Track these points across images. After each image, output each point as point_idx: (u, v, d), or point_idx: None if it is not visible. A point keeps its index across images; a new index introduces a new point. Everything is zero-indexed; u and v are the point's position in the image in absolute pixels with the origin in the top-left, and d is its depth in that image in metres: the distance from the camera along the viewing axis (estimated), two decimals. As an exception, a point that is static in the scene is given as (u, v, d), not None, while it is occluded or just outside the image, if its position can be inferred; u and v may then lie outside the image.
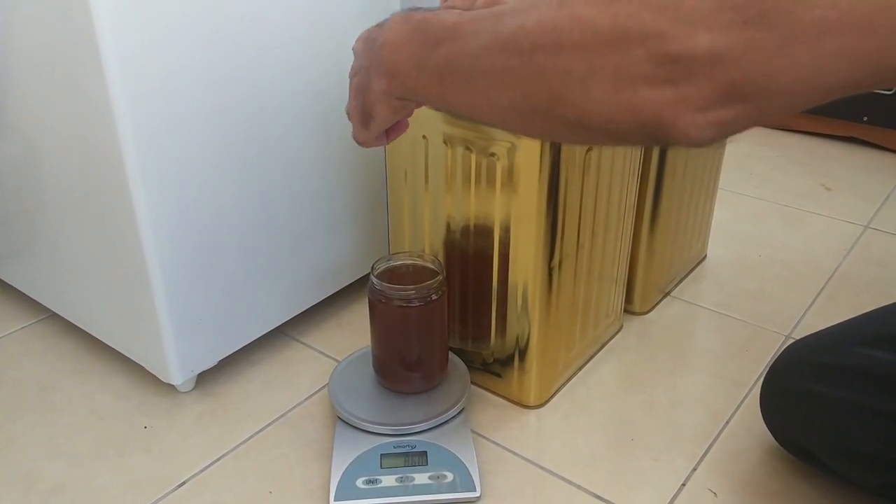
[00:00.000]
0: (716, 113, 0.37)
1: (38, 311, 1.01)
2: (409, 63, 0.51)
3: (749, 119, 0.38)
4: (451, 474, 0.73)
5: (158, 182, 0.74)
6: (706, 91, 0.37)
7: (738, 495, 0.74)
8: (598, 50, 0.39)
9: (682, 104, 0.38)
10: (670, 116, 0.38)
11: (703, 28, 0.36)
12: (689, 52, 0.36)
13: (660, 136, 0.40)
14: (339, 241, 0.96)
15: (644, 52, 0.38)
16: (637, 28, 0.38)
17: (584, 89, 0.41)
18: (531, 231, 0.74)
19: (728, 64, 0.36)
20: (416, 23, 0.51)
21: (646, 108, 0.39)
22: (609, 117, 0.41)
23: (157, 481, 0.75)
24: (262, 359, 0.93)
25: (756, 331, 0.99)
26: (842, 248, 1.19)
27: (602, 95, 0.40)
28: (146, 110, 0.70)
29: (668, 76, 0.37)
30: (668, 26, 0.37)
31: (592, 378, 0.90)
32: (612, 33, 0.39)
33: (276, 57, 0.80)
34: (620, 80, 0.39)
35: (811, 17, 0.34)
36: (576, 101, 0.41)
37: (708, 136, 0.39)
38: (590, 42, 0.40)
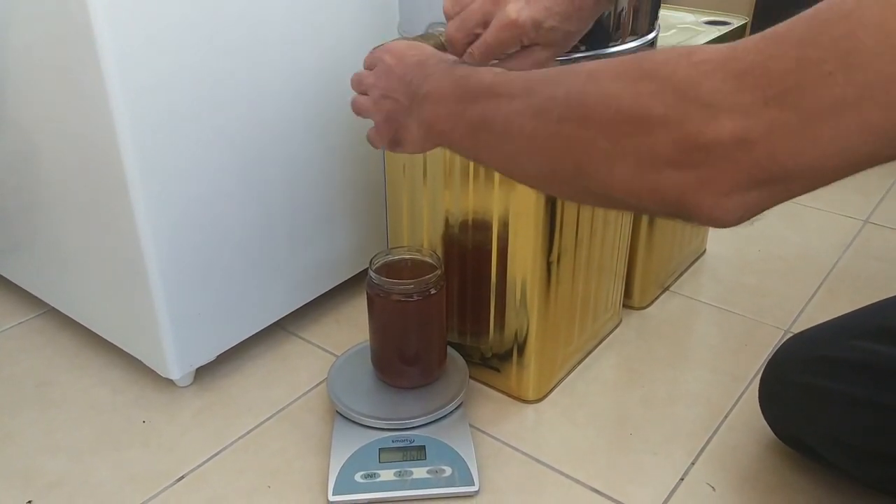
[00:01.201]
0: (741, 196, 0.37)
1: (37, 306, 1.01)
2: (447, 118, 0.53)
3: (776, 199, 0.38)
4: (450, 469, 0.73)
5: (156, 177, 0.73)
6: (730, 176, 0.36)
7: (737, 489, 0.74)
8: (621, 129, 0.39)
9: (706, 188, 0.37)
10: (694, 200, 0.38)
11: (724, 110, 0.35)
12: (711, 137, 0.36)
13: (684, 216, 0.39)
14: (337, 236, 0.96)
15: (666, 136, 0.37)
16: (659, 110, 0.37)
17: (607, 165, 0.41)
18: (530, 226, 0.74)
19: (751, 147, 0.35)
20: (458, 78, 0.53)
21: (669, 189, 0.39)
22: (632, 194, 0.41)
23: (156, 476, 0.75)
24: (261, 353, 0.93)
25: (755, 325, 0.99)
26: (841, 242, 1.19)
27: (625, 173, 0.40)
28: (144, 106, 0.70)
29: (691, 160, 0.37)
30: (689, 109, 0.36)
31: (591, 373, 0.90)
32: (635, 113, 0.38)
33: (274, 53, 0.80)
34: (643, 160, 0.39)
35: (831, 95, 0.33)
36: (600, 176, 0.42)
37: (734, 218, 0.38)
38: (613, 120, 0.40)
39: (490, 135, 0.49)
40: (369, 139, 0.64)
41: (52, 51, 0.72)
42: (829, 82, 0.33)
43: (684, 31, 0.95)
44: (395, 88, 0.58)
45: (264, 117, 0.82)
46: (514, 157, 0.48)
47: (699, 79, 0.36)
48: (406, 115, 0.57)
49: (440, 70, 0.55)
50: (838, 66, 0.33)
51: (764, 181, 0.36)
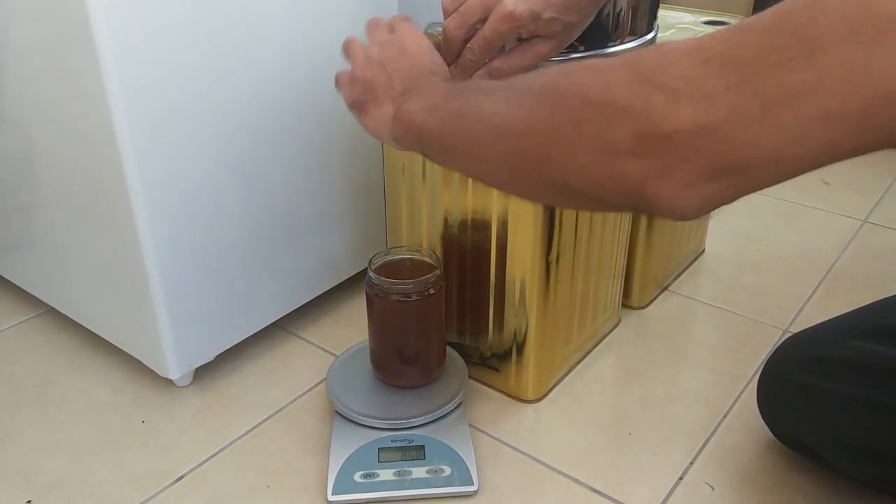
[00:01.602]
0: (702, 187, 0.37)
1: (36, 306, 1.01)
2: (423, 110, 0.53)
3: (737, 190, 0.38)
4: (449, 468, 0.73)
5: (156, 177, 0.73)
6: (691, 165, 0.36)
7: (736, 489, 0.74)
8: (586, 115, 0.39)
9: (666, 178, 0.37)
10: (654, 190, 0.38)
11: (686, 97, 0.36)
12: (672, 125, 0.36)
13: (644, 207, 0.39)
14: (336, 236, 0.96)
15: (628, 124, 0.37)
16: (624, 98, 0.38)
17: (570, 152, 0.41)
18: (529, 225, 0.74)
19: (711, 134, 0.35)
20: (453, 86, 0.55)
21: (629, 178, 0.39)
22: (592, 183, 0.41)
23: (155, 475, 0.75)
24: (260, 353, 0.93)
25: (754, 325, 0.99)
26: (840, 242, 1.19)
27: (586, 160, 0.40)
28: (143, 105, 0.70)
29: (652, 149, 0.37)
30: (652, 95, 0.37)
31: (590, 372, 0.90)
32: (600, 99, 0.39)
33: (273, 52, 0.80)
34: (604, 147, 0.39)
35: (791, 81, 0.33)
36: (563, 165, 0.42)
37: (693, 210, 0.38)
38: (578, 106, 0.40)
39: (462, 121, 0.49)
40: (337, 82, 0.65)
41: (51, 50, 0.72)
42: (789, 68, 0.33)
43: (683, 30, 0.95)
44: (398, 70, 0.59)
45: (263, 117, 0.82)
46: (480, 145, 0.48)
47: (665, 66, 0.37)
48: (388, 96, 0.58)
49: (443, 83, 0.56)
50: (800, 52, 0.33)
51: (724, 171, 0.36)
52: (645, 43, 0.76)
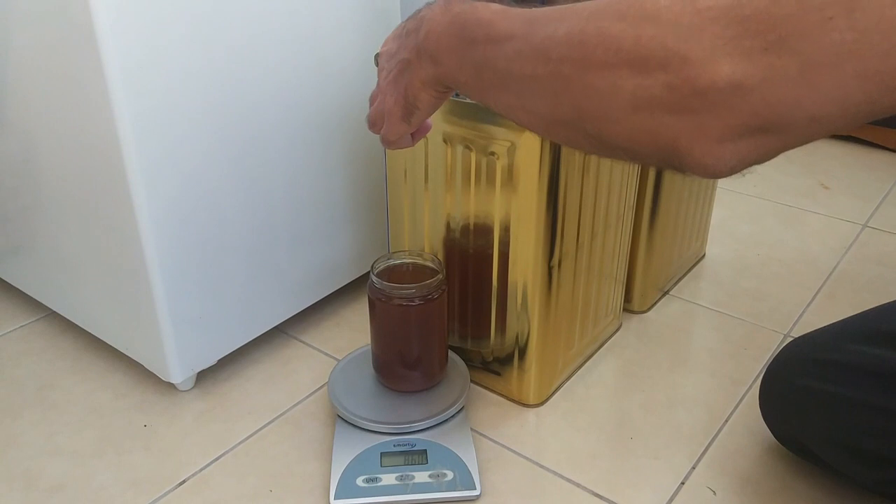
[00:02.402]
0: (734, 144, 0.37)
1: (38, 310, 1.01)
2: (451, 54, 0.52)
3: (771, 150, 0.37)
4: (451, 472, 0.73)
5: (157, 180, 0.74)
6: (724, 122, 0.36)
7: (738, 493, 0.74)
8: (620, 69, 0.39)
9: (700, 134, 0.37)
10: (687, 145, 0.38)
11: (723, 54, 0.35)
12: (708, 81, 0.36)
13: (676, 162, 0.39)
14: (338, 240, 0.96)
15: (664, 78, 0.37)
16: (659, 52, 0.37)
17: (604, 106, 0.40)
18: (531, 230, 0.75)
19: (748, 93, 0.35)
20: (454, 16, 0.51)
21: (663, 133, 0.38)
22: (626, 137, 0.40)
23: (157, 480, 0.75)
24: (262, 357, 0.93)
25: (754, 329, 0.99)
26: (840, 246, 1.19)
27: (621, 114, 0.40)
28: (146, 109, 0.70)
29: (687, 104, 0.37)
30: (689, 52, 0.36)
31: (592, 376, 0.90)
32: (635, 54, 0.38)
33: (276, 57, 0.80)
34: (639, 101, 0.38)
35: (830, 40, 0.33)
36: (596, 117, 0.41)
37: (726, 167, 0.38)
38: (612, 60, 0.39)
39: (494, 76, 0.48)
40: (385, 140, 0.62)
41: (54, 54, 0.72)
42: (829, 27, 0.33)
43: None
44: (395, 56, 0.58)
45: (266, 122, 0.82)
46: (518, 99, 0.47)
47: (703, 24, 0.36)
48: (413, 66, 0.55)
49: (435, 9, 0.54)
50: (840, 11, 0.33)
51: (758, 129, 0.36)
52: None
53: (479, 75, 0.49)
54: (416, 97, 0.57)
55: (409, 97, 0.57)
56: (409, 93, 0.57)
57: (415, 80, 0.56)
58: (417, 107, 0.58)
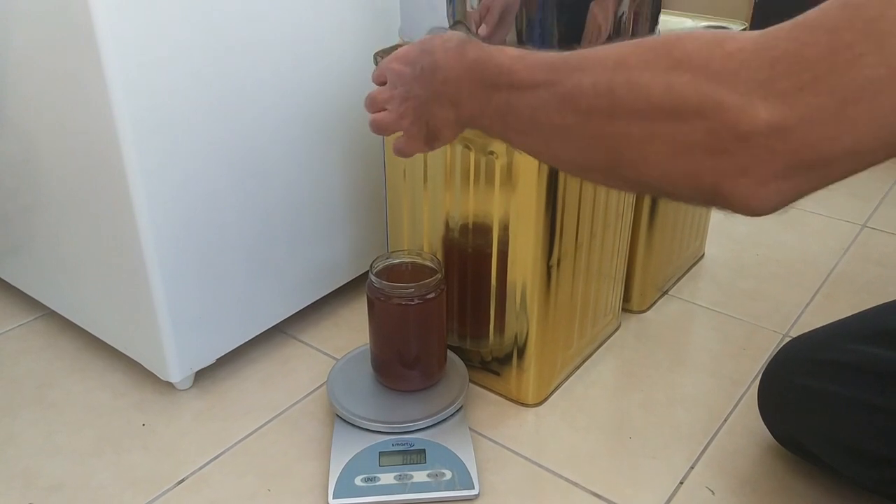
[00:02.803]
0: (778, 184, 0.37)
1: (37, 309, 1.01)
2: (472, 101, 0.52)
3: (814, 185, 0.37)
4: (450, 472, 0.73)
5: (157, 180, 0.74)
6: (768, 165, 0.36)
7: (736, 493, 0.74)
8: (654, 117, 0.39)
9: (744, 176, 0.37)
10: (730, 188, 0.38)
11: (759, 97, 0.35)
12: (747, 126, 0.36)
13: (719, 203, 0.39)
14: (337, 239, 0.96)
15: (701, 124, 0.37)
16: (694, 98, 0.37)
17: (641, 153, 0.40)
18: (530, 229, 0.75)
19: (788, 134, 0.35)
20: (471, 62, 0.52)
21: (704, 176, 0.38)
22: (667, 181, 0.40)
23: (156, 479, 0.75)
24: (261, 357, 0.93)
25: (753, 329, 0.99)
26: (839, 247, 1.19)
27: (659, 161, 0.40)
28: (144, 108, 0.70)
29: (727, 149, 0.37)
30: (725, 97, 0.36)
31: (590, 376, 0.90)
32: (667, 102, 0.38)
33: (276, 57, 0.80)
34: (677, 147, 0.38)
35: (864, 76, 0.33)
36: (633, 164, 0.41)
37: (770, 206, 0.38)
38: (644, 109, 0.39)
39: (518, 122, 0.48)
40: (401, 151, 0.63)
41: (53, 54, 0.72)
42: (861, 64, 0.33)
43: (683, 36, 0.95)
44: (411, 87, 0.58)
45: (265, 121, 0.82)
46: (546, 146, 0.47)
47: (734, 68, 0.36)
48: (431, 104, 0.56)
49: (450, 55, 0.54)
50: (870, 48, 0.33)
51: (801, 168, 0.36)
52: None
53: (504, 120, 0.50)
54: (439, 130, 0.58)
55: (431, 129, 0.58)
56: (431, 125, 0.58)
57: (435, 117, 0.57)
58: (439, 138, 0.59)
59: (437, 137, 0.59)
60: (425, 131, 0.59)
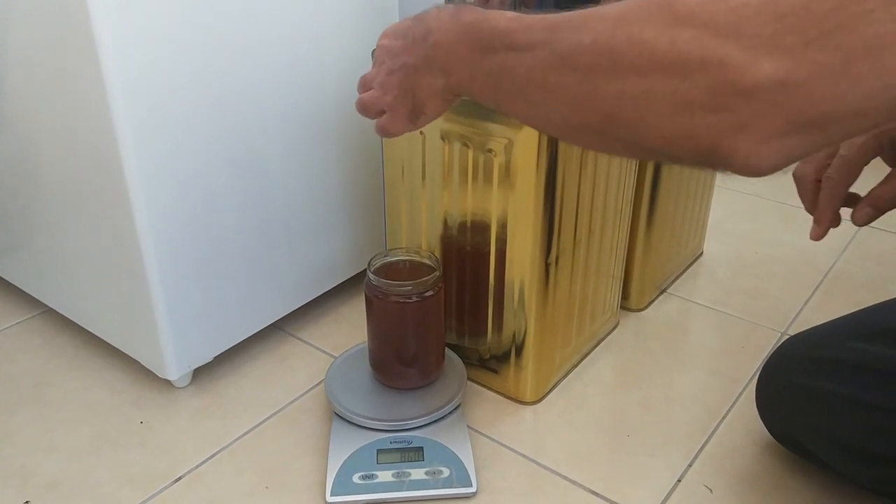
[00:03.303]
0: (779, 142, 0.36)
1: (34, 307, 1.01)
2: (463, 66, 0.51)
3: (815, 145, 0.37)
4: (448, 470, 0.73)
5: (156, 178, 0.73)
6: (769, 121, 0.36)
7: (734, 491, 0.74)
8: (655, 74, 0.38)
9: (744, 134, 0.36)
10: (730, 145, 0.37)
11: (764, 52, 0.35)
12: (751, 81, 0.35)
13: (717, 163, 0.39)
14: (335, 237, 0.96)
15: (704, 79, 0.36)
16: (697, 53, 0.37)
17: (638, 112, 0.40)
18: (528, 227, 0.74)
19: (792, 90, 0.35)
20: (466, 25, 0.51)
21: (703, 135, 0.38)
22: (664, 140, 0.40)
23: (154, 476, 0.75)
24: (259, 354, 0.93)
25: (752, 327, 0.99)
26: (838, 245, 1.19)
27: (657, 119, 0.39)
28: (143, 106, 0.70)
29: (730, 105, 0.36)
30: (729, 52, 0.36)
31: (589, 374, 0.90)
32: (670, 58, 0.38)
33: (273, 55, 0.80)
34: (677, 105, 0.38)
35: (873, 32, 0.33)
36: (630, 123, 0.41)
37: (770, 166, 0.37)
38: (646, 66, 0.39)
39: (512, 85, 0.47)
40: (384, 129, 0.62)
41: (51, 52, 0.72)
42: (870, 19, 0.33)
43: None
44: (399, 57, 0.57)
45: (264, 119, 0.82)
46: (538, 108, 0.46)
47: (738, 23, 0.35)
48: (419, 72, 0.55)
49: (443, 19, 0.53)
50: (880, 3, 0.33)
51: (804, 125, 0.36)
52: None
53: (497, 84, 0.49)
54: (424, 103, 0.57)
55: (416, 102, 0.57)
56: (416, 98, 0.57)
57: (422, 87, 0.56)
58: (424, 112, 0.58)
59: (422, 111, 0.58)
60: (410, 104, 0.58)
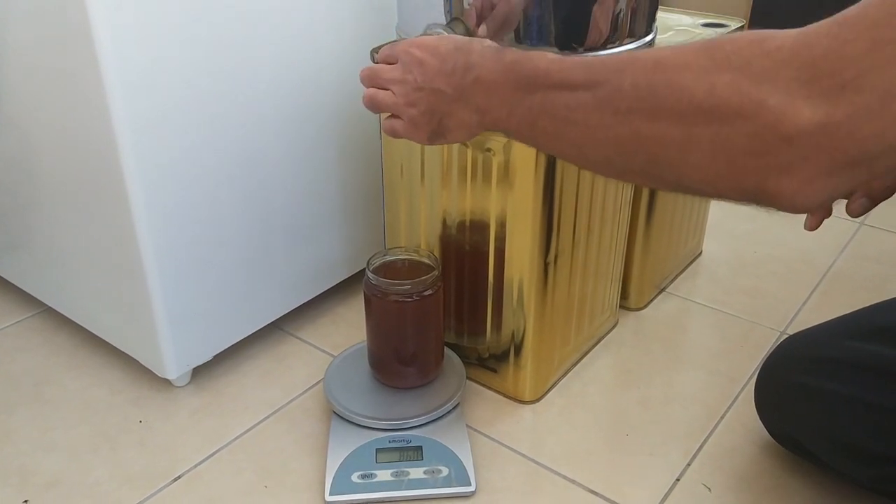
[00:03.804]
0: (824, 181, 0.37)
1: (34, 306, 1.01)
2: (502, 105, 0.52)
3: (858, 181, 0.37)
4: (447, 469, 0.73)
5: (154, 177, 0.73)
6: (813, 163, 0.36)
7: (733, 490, 0.74)
8: (695, 119, 0.39)
9: (788, 175, 0.37)
10: (775, 187, 0.38)
11: (802, 97, 0.35)
12: (791, 126, 0.36)
13: (764, 202, 0.39)
14: (334, 236, 0.96)
15: (744, 125, 0.37)
16: (735, 100, 0.37)
17: (681, 155, 0.40)
18: (527, 226, 0.74)
19: (833, 132, 0.35)
20: (508, 63, 0.52)
21: (748, 177, 0.38)
22: (708, 182, 0.40)
23: (152, 475, 0.75)
24: (258, 353, 0.93)
25: (751, 327, 0.99)
26: (837, 244, 1.19)
27: (700, 162, 0.39)
28: (141, 105, 0.70)
29: (771, 149, 0.37)
30: (767, 97, 0.36)
31: (588, 373, 0.90)
32: (709, 103, 0.38)
33: (272, 53, 0.80)
34: (719, 149, 0.38)
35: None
36: (673, 165, 0.41)
37: (815, 204, 0.38)
38: (686, 111, 0.39)
39: (551, 124, 0.48)
40: (393, 132, 0.62)
41: (49, 50, 0.72)
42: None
43: (682, 32, 0.95)
44: (433, 79, 0.57)
45: (262, 118, 0.82)
46: (578, 149, 0.47)
47: (775, 68, 0.36)
48: (452, 103, 0.56)
49: (487, 56, 0.54)
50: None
51: (847, 164, 0.36)
52: (643, 45, 0.77)
53: (534, 122, 0.49)
54: (450, 131, 0.58)
55: (441, 127, 0.58)
56: (443, 124, 0.58)
57: (453, 116, 0.56)
58: (446, 137, 0.59)
59: (443, 135, 0.59)
60: (434, 126, 0.58)
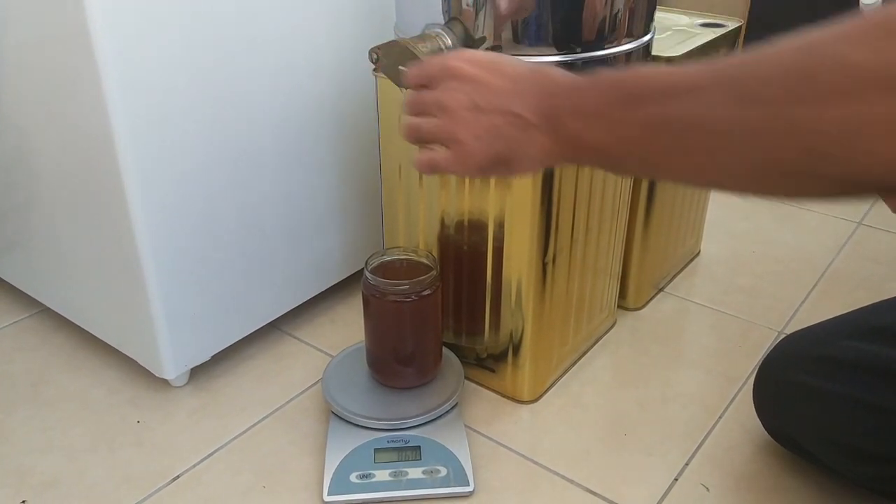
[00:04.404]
0: None
1: (31, 306, 1.01)
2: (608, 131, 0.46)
3: None
4: (445, 469, 0.73)
5: (152, 177, 0.73)
6: None
7: (731, 490, 0.74)
8: (869, 97, 0.35)
9: None
10: None
11: None
12: None
13: None
14: (332, 236, 0.96)
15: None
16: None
17: (849, 139, 0.36)
18: (525, 226, 0.74)
19: None
20: (611, 79, 0.47)
21: None
22: (885, 167, 0.36)
23: (151, 476, 0.75)
24: (256, 354, 0.93)
25: (749, 326, 0.99)
26: (835, 244, 1.19)
27: (873, 145, 0.35)
28: (140, 105, 0.70)
29: None
30: None
31: (586, 373, 0.90)
32: (885, 73, 0.34)
33: (270, 53, 0.80)
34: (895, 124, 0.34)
35: None
36: (838, 154, 0.37)
37: None
38: (858, 89, 0.35)
39: (673, 136, 0.43)
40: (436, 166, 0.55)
41: (48, 50, 0.72)
42: None
43: (680, 32, 0.95)
44: (504, 102, 0.51)
45: (260, 118, 0.82)
46: (711, 156, 0.42)
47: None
48: (530, 129, 0.50)
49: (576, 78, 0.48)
50: None
51: None
52: (641, 45, 0.77)
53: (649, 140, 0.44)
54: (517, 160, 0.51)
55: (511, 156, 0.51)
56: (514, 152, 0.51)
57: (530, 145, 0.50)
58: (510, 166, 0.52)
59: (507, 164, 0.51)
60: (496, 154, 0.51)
